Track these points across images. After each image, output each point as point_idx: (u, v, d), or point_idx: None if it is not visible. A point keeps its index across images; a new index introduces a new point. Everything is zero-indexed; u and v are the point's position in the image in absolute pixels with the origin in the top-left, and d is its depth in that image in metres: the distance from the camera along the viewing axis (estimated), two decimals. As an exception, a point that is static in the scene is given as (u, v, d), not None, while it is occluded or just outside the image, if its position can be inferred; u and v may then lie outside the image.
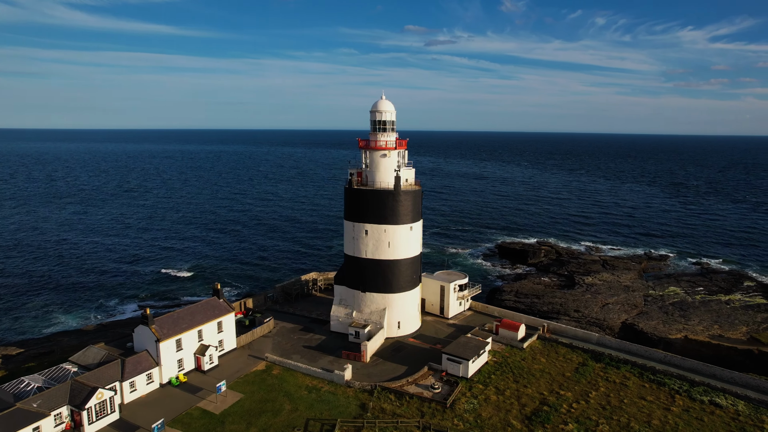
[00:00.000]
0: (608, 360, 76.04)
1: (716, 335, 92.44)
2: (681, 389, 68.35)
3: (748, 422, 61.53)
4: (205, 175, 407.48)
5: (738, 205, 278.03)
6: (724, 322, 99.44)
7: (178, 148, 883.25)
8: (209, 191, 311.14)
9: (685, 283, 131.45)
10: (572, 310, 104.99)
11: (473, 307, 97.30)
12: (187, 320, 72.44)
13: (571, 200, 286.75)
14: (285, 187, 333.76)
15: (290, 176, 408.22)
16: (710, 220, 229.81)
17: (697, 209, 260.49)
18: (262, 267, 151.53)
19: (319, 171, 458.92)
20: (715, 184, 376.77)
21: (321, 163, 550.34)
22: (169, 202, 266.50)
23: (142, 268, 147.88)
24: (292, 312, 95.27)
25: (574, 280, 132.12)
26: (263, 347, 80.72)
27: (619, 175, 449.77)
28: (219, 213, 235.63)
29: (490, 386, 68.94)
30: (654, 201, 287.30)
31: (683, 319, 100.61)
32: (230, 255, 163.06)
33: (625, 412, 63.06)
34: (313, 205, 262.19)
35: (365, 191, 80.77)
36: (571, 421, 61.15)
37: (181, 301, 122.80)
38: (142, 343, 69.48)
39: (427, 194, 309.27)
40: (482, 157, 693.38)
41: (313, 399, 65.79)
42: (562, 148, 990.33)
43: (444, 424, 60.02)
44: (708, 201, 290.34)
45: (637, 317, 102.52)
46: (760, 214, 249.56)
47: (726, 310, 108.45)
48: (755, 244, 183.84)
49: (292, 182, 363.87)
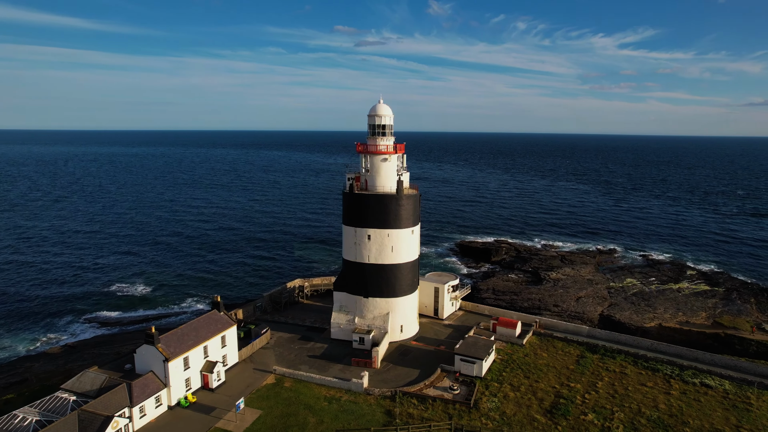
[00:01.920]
0: (603, 351, 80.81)
1: (684, 321, 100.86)
2: (673, 374, 74.09)
3: (737, 400, 67.89)
4: (136, 180, 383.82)
5: (660, 200, 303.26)
6: (685, 309, 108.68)
7: (96, 150, 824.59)
8: (139, 197, 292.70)
9: (638, 274, 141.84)
10: (552, 305, 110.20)
11: (463, 306, 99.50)
12: (192, 336, 68.51)
13: (512, 199, 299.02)
14: (223, 194, 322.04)
15: (227, 181, 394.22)
16: (641, 215, 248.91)
17: (628, 205, 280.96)
18: (221, 276, 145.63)
19: (258, 174, 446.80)
20: (636, 181, 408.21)
21: (258, 165, 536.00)
22: (96, 209, 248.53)
23: (89, 283, 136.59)
24: (284, 321, 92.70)
25: (540, 276, 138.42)
26: (266, 359, 77.98)
27: (550, 173, 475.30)
28: (153, 222, 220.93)
29: (504, 383, 71.03)
30: (588, 198, 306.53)
31: (650, 309, 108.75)
32: (182, 265, 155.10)
33: (633, 399, 67.41)
34: (261, 213, 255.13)
35: (368, 196, 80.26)
36: (588, 411, 64.46)
37: (141, 315, 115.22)
38: (147, 363, 64.83)
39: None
40: (418, 158, 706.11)
41: (335, 410, 64.57)
42: (493, 148, 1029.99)
43: (474, 425, 61.15)
44: (635, 197, 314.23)
45: (610, 309, 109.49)
46: (680, 208, 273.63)
47: (681, 297, 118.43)
48: (682, 236, 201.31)
49: (230, 188, 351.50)
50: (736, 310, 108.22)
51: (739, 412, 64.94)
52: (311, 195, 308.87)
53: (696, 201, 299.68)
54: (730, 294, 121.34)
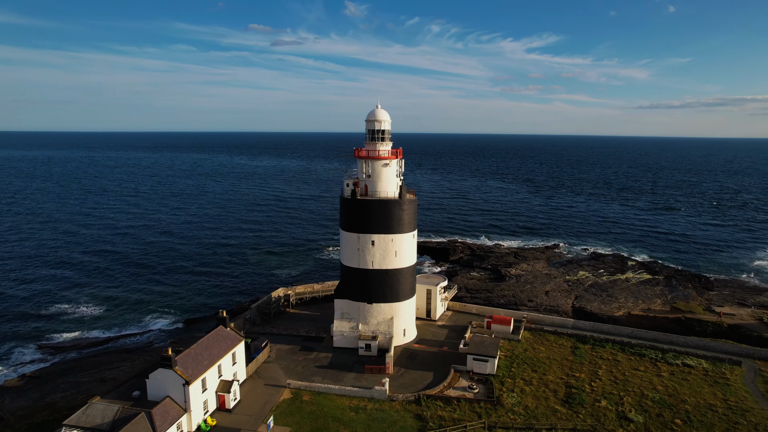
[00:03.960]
0: (592, 341, 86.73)
1: (646, 309, 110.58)
2: (658, 357, 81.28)
3: (716, 376, 76.00)
4: (49, 188, 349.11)
5: (582, 196, 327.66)
6: (642, 297, 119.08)
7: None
8: (59, 208, 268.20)
9: (587, 267, 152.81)
10: (526, 300, 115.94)
11: (451, 307, 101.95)
12: (206, 356, 64.60)
13: (448, 200, 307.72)
14: (146, 203, 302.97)
15: (149, 187, 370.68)
16: (571, 212, 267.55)
17: (556, 203, 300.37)
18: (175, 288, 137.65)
19: (181, 180, 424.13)
20: (557, 180, 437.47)
21: (179, 170, 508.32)
22: (9, 224, 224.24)
23: (27, 306, 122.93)
24: (277, 332, 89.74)
25: (501, 273, 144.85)
26: (274, 373, 75.23)
27: (476, 173, 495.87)
28: (82, 233, 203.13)
29: (517, 378, 74.11)
30: (518, 197, 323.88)
31: (612, 299, 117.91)
32: (128, 280, 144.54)
33: (633, 384, 73.18)
34: (199, 221, 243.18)
35: (372, 201, 79.99)
36: (600, 398, 69.10)
37: (99, 338, 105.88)
38: (162, 388, 60.19)
39: (315, 199, 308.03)
40: (345, 160, 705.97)
41: (365, 419, 63.94)
42: (415, 149, 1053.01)
43: (504, 421, 63.38)
44: (560, 195, 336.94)
45: (578, 300, 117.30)
46: (601, 204, 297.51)
47: (632, 287, 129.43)
48: (611, 230, 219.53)
49: (151, 195, 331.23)
50: (683, 295, 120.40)
51: (722, 387, 72.80)
52: (243, 202, 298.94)
53: (613, 197, 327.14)
54: (670, 281, 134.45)
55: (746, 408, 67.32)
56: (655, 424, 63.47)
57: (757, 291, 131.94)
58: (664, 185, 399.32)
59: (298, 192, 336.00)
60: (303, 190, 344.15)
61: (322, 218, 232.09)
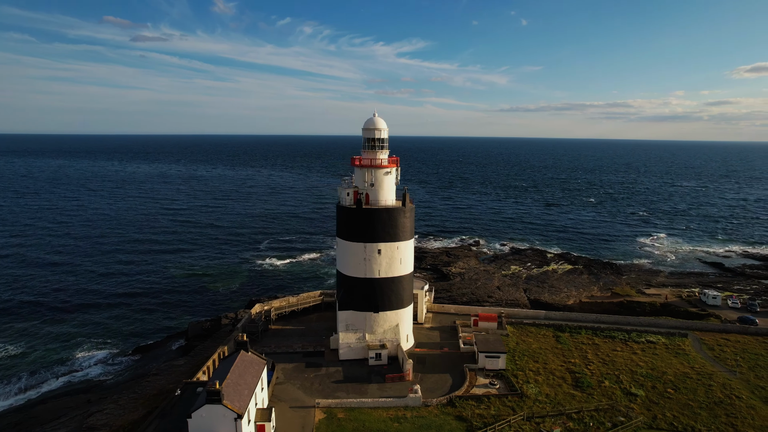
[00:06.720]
0: (569, 329, 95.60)
1: (590, 296, 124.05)
2: (625, 338, 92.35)
3: (676, 349, 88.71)
4: None
5: (476, 195, 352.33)
6: (578, 285, 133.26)
7: None
8: None
9: (515, 261, 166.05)
10: (486, 296, 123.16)
11: (430, 309, 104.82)
12: (244, 385, 59.62)
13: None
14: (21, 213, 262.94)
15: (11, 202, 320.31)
16: (473, 210, 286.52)
17: (453, 202, 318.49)
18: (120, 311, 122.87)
19: (60, 191, 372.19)
20: (446, 180, 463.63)
21: (41, 178, 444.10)
22: None
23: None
24: (270, 351, 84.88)
25: (443, 272, 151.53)
26: (292, 395, 71.53)
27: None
28: None
29: (526, 370, 79.30)
30: (418, 197, 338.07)
31: (555, 289, 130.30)
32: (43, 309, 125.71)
33: (619, 363, 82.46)
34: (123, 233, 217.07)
35: (379, 210, 79.63)
36: (602, 379, 76.98)
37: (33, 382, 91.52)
38: (209, 426, 54.30)
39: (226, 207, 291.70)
40: (228, 162, 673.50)
41: (411, 428, 64.05)
42: (299, 151, 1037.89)
43: (536, 410, 67.88)
44: (455, 194, 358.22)
45: (529, 293, 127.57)
46: (496, 201, 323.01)
47: (563, 277, 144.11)
48: (513, 226, 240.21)
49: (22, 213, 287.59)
50: (610, 281, 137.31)
51: (684, 357, 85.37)
52: (132, 222, 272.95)
53: (502, 195, 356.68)
54: (590, 269, 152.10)
55: (709, 372, 79.93)
56: (653, 395, 72.71)
57: (654, 273, 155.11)
58: (543, 183, 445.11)
59: (192, 202, 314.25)
60: (196, 201, 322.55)
61: (237, 227, 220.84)
